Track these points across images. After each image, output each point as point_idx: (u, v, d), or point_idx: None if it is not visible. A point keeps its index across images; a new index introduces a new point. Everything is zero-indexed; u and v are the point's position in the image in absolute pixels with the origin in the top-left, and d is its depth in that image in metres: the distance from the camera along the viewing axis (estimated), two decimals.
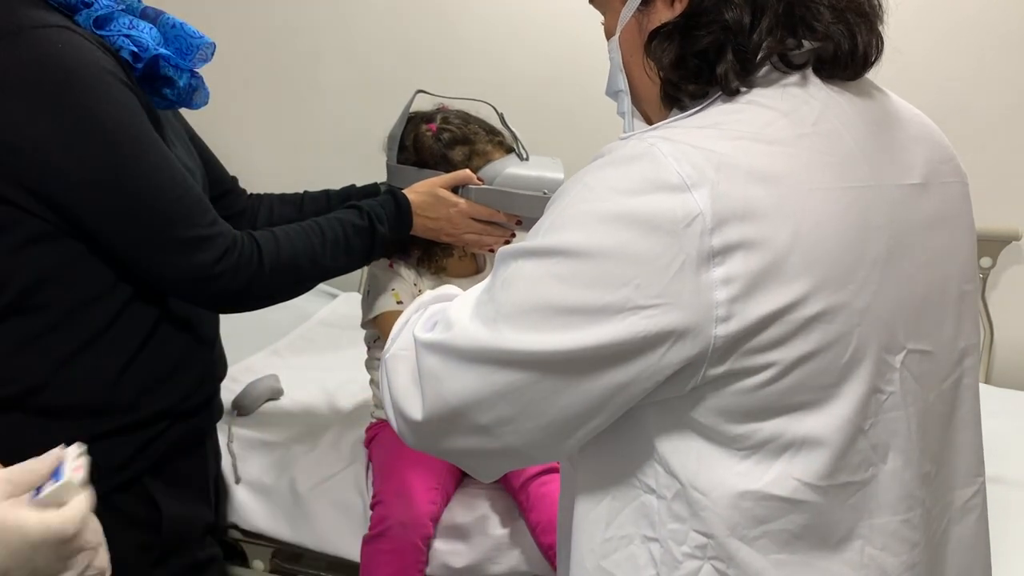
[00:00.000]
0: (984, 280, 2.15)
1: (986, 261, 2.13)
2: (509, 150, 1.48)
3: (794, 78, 0.76)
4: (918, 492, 0.78)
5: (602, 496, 0.80)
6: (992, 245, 2.11)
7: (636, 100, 0.88)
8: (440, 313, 0.81)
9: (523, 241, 0.75)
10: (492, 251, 1.55)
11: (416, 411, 0.79)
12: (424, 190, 1.38)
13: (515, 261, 0.74)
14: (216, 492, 1.47)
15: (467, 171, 1.41)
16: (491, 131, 1.50)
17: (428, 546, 1.45)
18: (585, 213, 0.71)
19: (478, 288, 0.80)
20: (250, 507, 1.60)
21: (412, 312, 0.91)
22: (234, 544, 1.65)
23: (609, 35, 0.88)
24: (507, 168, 1.42)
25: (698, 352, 0.69)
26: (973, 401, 0.85)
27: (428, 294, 0.97)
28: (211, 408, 1.33)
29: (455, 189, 1.40)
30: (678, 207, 0.67)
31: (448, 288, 0.99)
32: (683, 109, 0.80)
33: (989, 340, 2.16)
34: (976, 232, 0.88)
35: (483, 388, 0.74)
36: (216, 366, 1.33)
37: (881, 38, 0.79)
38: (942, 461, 0.82)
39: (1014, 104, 2.09)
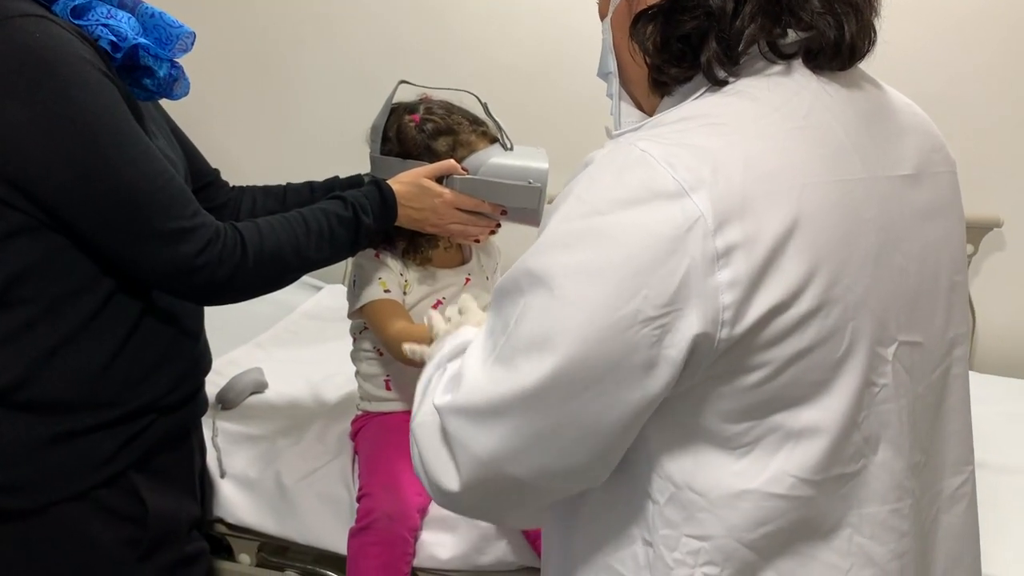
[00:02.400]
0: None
1: (968, 248, 2.14)
2: (493, 140, 1.47)
3: (783, 68, 0.75)
4: (908, 482, 0.78)
5: (606, 498, 0.80)
6: (974, 232, 2.12)
7: (625, 83, 0.87)
8: (457, 371, 0.79)
9: (524, 265, 0.73)
10: (477, 241, 1.54)
11: (452, 482, 0.77)
12: (408, 180, 1.37)
13: (521, 295, 0.72)
14: (202, 486, 1.47)
15: (451, 161, 1.40)
16: (475, 121, 1.49)
17: (415, 538, 1.45)
18: (584, 229, 0.69)
19: (484, 331, 0.78)
20: (236, 501, 1.60)
21: (433, 371, 0.89)
22: (220, 538, 1.65)
23: (602, 16, 0.87)
24: (491, 158, 1.41)
25: (705, 352, 0.68)
26: (962, 390, 0.86)
27: (447, 346, 0.92)
28: (196, 402, 1.32)
29: (440, 179, 1.40)
30: (678, 213, 0.66)
31: (464, 332, 0.96)
32: (670, 94, 0.80)
33: (972, 327, 2.18)
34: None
35: (515, 437, 0.72)
36: (201, 360, 1.32)
37: (874, 30, 0.78)
38: (932, 451, 0.82)
39: (996, 92, 2.10)
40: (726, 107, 0.74)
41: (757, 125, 0.72)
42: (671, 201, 0.67)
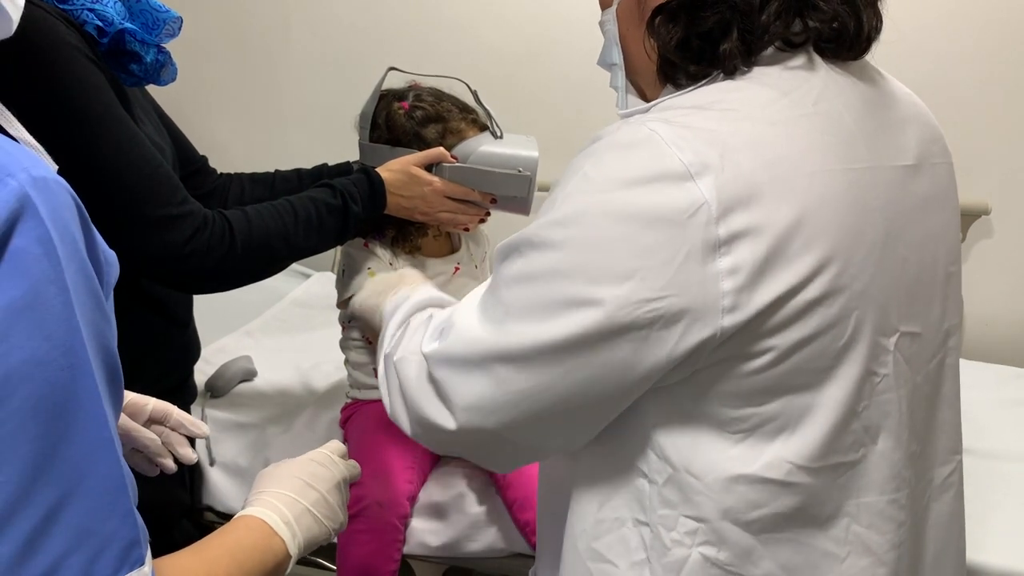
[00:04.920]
0: None
1: None
2: (483, 128, 1.46)
3: (796, 59, 0.75)
4: (905, 472, 0.79)
5: (597, 478, 0.80)
6: (962, 219, 2.10)
7: (631, 73, 0.86)
8: (446, 321, 0.80)
9: (526, 233, 0.74)
10: (467, 230, 1.54)
11: (448, 421, 0.78)
12: (397, 168, 1.36)
13: (519, 258, 0.73)
14: (191, 475, 1.46)
15: (441, 149, 1.40)
16: (464, 108, 1.48)
17: (405, 525, 1.45)
18: (588, 205, 0.69)
19: (481, 290, 0.79)
20: (225, 489, 1.59)
21: (402, 305, 0.91)
22: (209, 526, 1.64)
23: (604, 5, 0.86)
24: (481, 146, 1.40)
25: (704, 340, 0.68)
26: (954, 380, 0.86)
27: (417, 296, 0.96)
28: (185, 390, 1.32)
29: (429, 168, 1.39)
30: (682, 197, 0.66)
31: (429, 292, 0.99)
32: (678, 87, 0.79)
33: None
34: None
35: (497, 393, 0.74)
36: (190, 348, 1.32)
37: (881, 16, 0.78)
38: (926, 440, 0.83)
39: (984, 78, 2.10)
40: (736, 92, 0.73)
41: (766, 111, 0.72)
42: (676, 184, 0.67)
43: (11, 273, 0.49)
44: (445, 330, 0.79)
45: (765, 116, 0.71)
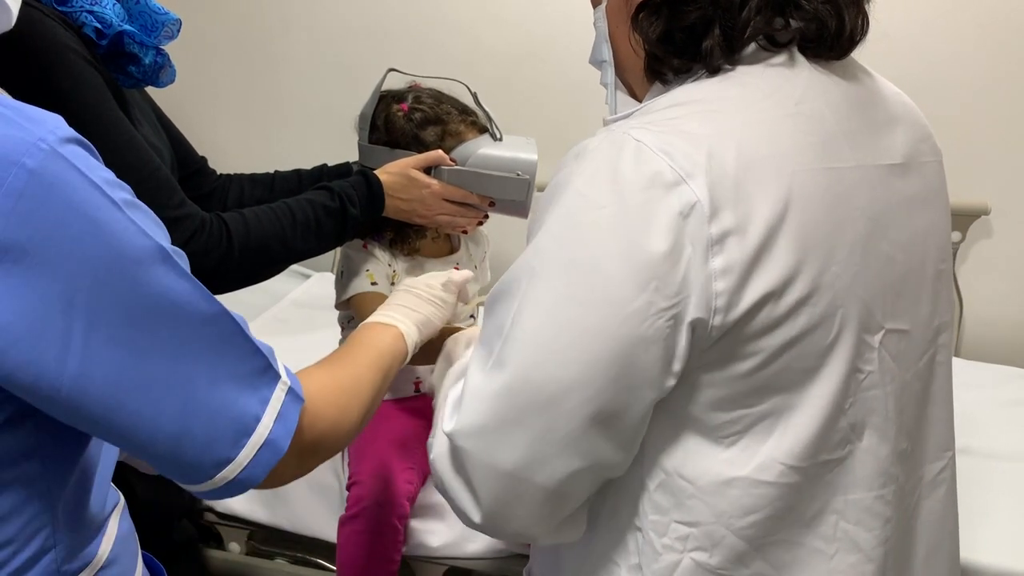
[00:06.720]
0: (953, 254, 2.18)
1: (955, 235, 2.15)
2: (483, 130, 1.46)
3: (779, 57, 0.75)
4: (893, 469, 0.79)
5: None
6: (961, 219, 2.13)
7: (620, 71, 0.87)
8: (459, 392, 0.77)
9: (523, 263, 0.72)
10: (465, 232, 1.54)
11: (472, 510, 0.75)
12: (396, 171, 1.36)
13: (518, 294, 0.71)
14: None
15: (439, 152, 1.39)
16: (464, 111, 1.48)
17: (405, 526, 1.45)
18: (588, 223, 0.69)
19: (477, 343, 0.76)
20: None
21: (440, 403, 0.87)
22: (210, 527, 1.65)
23: (595, 3, 0.87)
24: (480, 149, 1.40)
25: (696, 342, 0.69)
26: (946, 377, 0.86)
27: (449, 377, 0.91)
28: None
29: (428, 170, 1.39)
30: (675, 201, 0.66)
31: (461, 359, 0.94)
32: (666, 83, 0.80)
33: (958, 314, 2.19)
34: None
35: (537, 444, 0.70)
36: None
37: (867, 17, 0.78)
38: (917, 437, 0.83)
39: (984, 79, 2.10)
40: (718, 93, 0.74)
41: (749, 112, 0.72)
42: (669, 190, 0.67)
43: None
44: (459, 402, 0.75)
45: (747, 117, 0.71)
